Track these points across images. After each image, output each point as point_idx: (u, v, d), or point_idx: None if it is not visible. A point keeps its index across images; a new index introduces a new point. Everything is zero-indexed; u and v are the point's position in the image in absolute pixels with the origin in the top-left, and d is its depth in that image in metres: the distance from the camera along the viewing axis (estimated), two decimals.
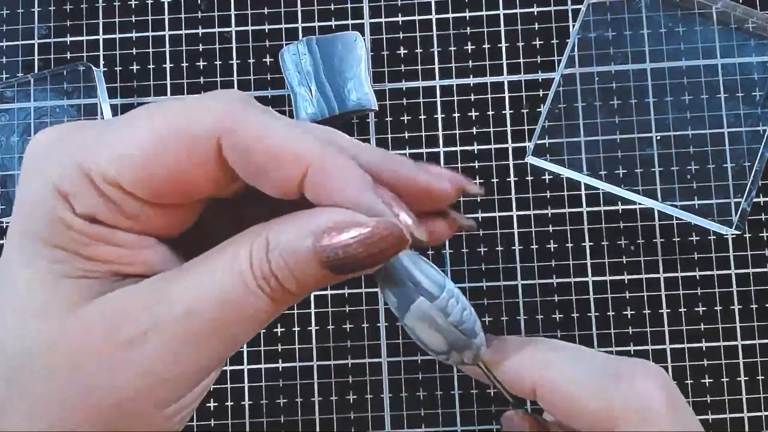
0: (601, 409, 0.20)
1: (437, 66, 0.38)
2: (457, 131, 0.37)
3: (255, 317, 0.16)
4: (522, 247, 0.37)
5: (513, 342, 0.22)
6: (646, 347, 0.36)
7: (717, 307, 0.36)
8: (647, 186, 0.36)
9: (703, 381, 0.35)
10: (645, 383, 0.20)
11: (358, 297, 0.37)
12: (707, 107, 0.36)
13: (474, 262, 0.37)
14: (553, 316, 0.36)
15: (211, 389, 0.36)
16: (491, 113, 0.37)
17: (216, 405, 0.36)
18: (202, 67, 0.38)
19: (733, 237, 0.36)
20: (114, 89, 0.38)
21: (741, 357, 0.36)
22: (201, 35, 0.39)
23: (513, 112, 0.37)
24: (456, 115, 0.37)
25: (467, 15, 0.38)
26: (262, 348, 0.36)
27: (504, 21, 0.38)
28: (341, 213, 0.15)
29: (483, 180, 0.37)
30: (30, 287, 0.15)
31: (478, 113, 0.37)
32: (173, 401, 0.16)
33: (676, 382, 0.36)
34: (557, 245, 0.37)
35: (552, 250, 0.37)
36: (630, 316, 0.36)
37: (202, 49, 0.38)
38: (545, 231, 0.37)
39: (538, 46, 0.38)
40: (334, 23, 0.38)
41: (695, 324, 0.36)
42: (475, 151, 0.37)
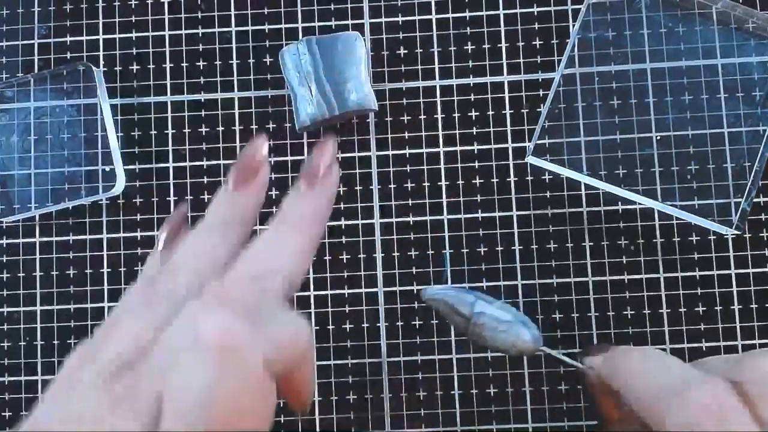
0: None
1: (437, 66, 0.38)
2: (457, 131, 0.37)
3: None
4: (522, 247, 0.37)
5: (616, 350, 0.28)
6: (646, 347, 0.36)
7: (717, 307, 0.36)
8: (647, 186, 0.36)
9: None
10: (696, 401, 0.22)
11: (358, 297, 0.37)
12: (707, 107, 0.36)
13: (474, 262, 0.37)
14: (553, 316, 0.36)
15: None
16: (491, 113, 0.37)
17: None
18: (202, 67, 0.38)
19: (733, 237, 0.36)
20: (114, 89, 0.38)
21: None
22: (201, 35, 0.39)
23: (513, 112, 0.37)
24: (456, 115, 0.37)
25: (467, 15, 0.38)
26: None
27: (504, 21, 0.38)
28: None
29: (483, 180, 0.37)
30: None
31: (478, 113, 0.37)
32: None
33: None
34: (557, 245, 0.37)
35: (552, 250, 0.37)
36: (630, 316, 0.36)
37: (202, 49, 0.38)
38: (545, 231, 0.37)
39: (538, 46, 0.38)
40: (334, 23, 0.38)
41: (695, 324, 0.36)
42: (475, 151, 0.37)
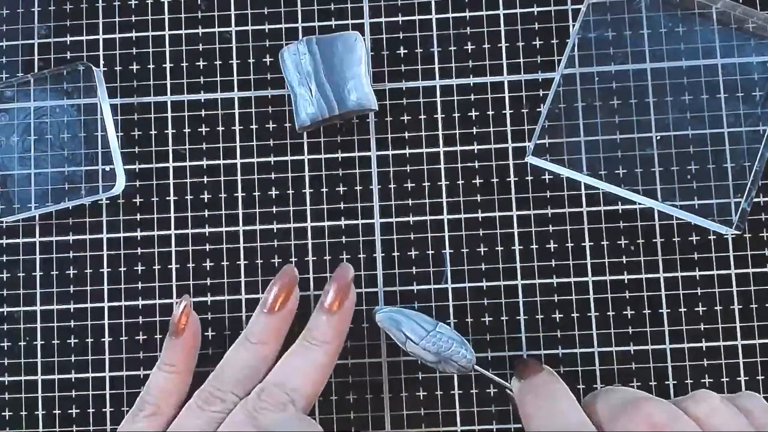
0: None
1: (437, 66, 0.38)
2: (457, 131, 0.37)
3: None
4: (522, 247, 0.37)
5: (530, 381, 0.31)
6: (646, 347, 0.36)
7: (717, 307, 0.36)
8: (647, 186, 0.36)
9: (703, 381, 0.35)
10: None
11: (357, 297, 0.37)
12: (707, 107, 0.36)
13: (474, 262, 0.37)
14: (553, 316, 0.36)
15: None
16: (491, 113, 0.37)
17: None
18: (202, 67, 0.38)
19: (733, 237, 0.36)
20: (114, 89, 0.38)
21: (741, 357, 0.36)
22: (201, 35, 0.39)
23: (513, 112, 0.37)
24: (456, 115, 0.37)
25: (467, 15, 0.38)
26: None
27: (504, 21, 0.38)
28: None
29: (483, 180, 0.37)
30: None
31: (478, 113, 0.37)
32: None
33: (675, 382, 0.36)
34: (557, 245, 0.37)
35: (552, 250, 0.37)
36: (630, 316, 0.36)
37: (202, 49, 0.38)
38: (545, 231, 0.37)
39: (538, 46, 0.38)
40: (334, 23, 0.38)
41: (695, 324, 0.36)
42: (475, 151, 0.37)
